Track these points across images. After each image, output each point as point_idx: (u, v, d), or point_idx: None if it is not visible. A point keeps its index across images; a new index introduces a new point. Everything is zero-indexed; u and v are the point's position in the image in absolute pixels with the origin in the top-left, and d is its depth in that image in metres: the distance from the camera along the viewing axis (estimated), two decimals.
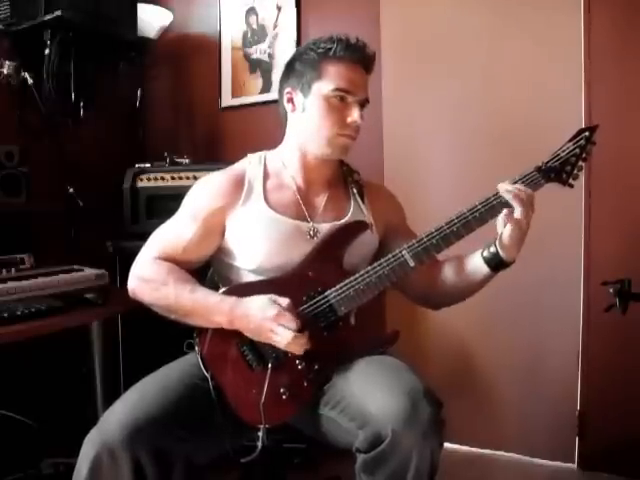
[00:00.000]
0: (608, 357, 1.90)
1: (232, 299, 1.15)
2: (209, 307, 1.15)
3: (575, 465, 1.97)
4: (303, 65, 1.23)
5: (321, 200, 1.29)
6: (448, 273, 1.24)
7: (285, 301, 1.11)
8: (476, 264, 1.19)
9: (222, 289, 1.21)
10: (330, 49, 1.20)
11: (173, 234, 1.26)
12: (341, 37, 1.21)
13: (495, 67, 2.05)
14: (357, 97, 1.21)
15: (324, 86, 1.20)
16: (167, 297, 1.18)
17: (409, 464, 0.99)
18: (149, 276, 1.22)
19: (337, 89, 1.20)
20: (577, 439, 1.97)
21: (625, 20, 1.84)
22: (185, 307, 1.17)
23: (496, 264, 1.16)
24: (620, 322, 1.47)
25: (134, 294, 1.24)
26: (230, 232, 1.24)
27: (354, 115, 1.21)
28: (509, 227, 1.10)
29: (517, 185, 1.11)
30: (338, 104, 1.21)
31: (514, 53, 2.01)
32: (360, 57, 1.22)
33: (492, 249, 1.16)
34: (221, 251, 1.26)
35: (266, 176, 1.28)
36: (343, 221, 1.26)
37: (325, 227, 1.24)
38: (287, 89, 1.26)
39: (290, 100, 1.26)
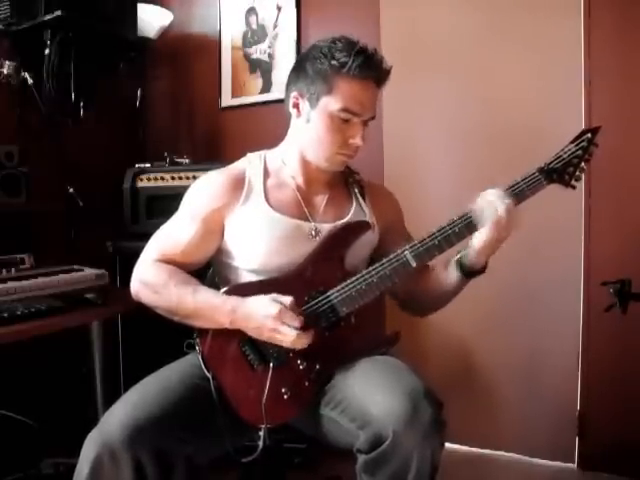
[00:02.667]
0: (608, 357, 1.90)
1: (235, 299, 1.14)
2: (211, 308, 1.15)
3: (575, 465, 1.98)
4: (314, 73, 1.19)
5: (322, 200, 1.28)
6: (432, 276, 1.26)
7: (288, 299, 1.10)
8: (451, 266, 1.20)
9: (222, 289, 1.21)
10: (345, 64, 1.15)
11: (172, 236, 1.25)
12: (359, 50, 1.16)
13: (495, 68, 2.05)
14: (363, 117, 1.19)
15: (332, 103, 1.17)
16: (169, 299, 1.18)
17: (410, 465, 0.99)
18: (150, 279, 1.21)
19: (345, 109, 1.17)
20: (577, 439, 1.98)
21: (625, 21, 1.84)
22: (187, 309, 1.17)
23: (464, 268, 1.18)
24: (620, 322, 1.48)
25: (137, 297, 1.24)
26: (230, 232, 1.23)
27: (356, 137, 1.19)
28: (486, 229, 1.11)
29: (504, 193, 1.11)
30: (342, 124, 1.18)
31: (514, 54, 2.01)
32: (375, 76, 1.18)
33: (463, 252, 1.17)
34: (221, 251, 1.26)
35: (266, 175, 1.28)
36: (344, 220, 1.26)
37: (327, 227, 1.24)
38: (294, 93, 1.23)
39: (296, 105, 1.23)
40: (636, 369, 1.85)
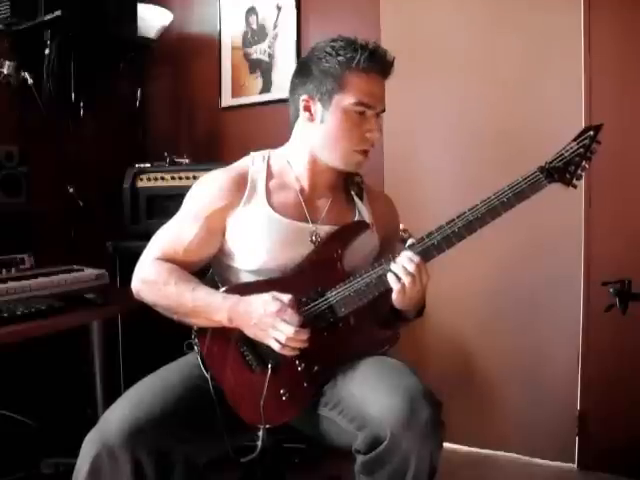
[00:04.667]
0: (608, 357, 1.90)
1: (234, 297, 1.14)
2: (210, 305, 1.15)
3: (575, 465, 1.97)
4: (323, 73, 1.18)
5: (324, 204, 1.27)
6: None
7: (287, 297, 1.10)
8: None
9: (222, 289, 1.21)
10: (353, 59, 1.15)
11: (174, 235, 1.25)
12: (362, 44, 1.17)
13: (495, 68, 2.05)
14: (376, 110, 1.19)
15: (346, 98, 1.17)
16: (169, 297, 1.18)
17: (408, 465, 0.99)
18: (151, 277, 1.21)
19: (359, 103, 1.16)
20: (577, 439, 1.97)
21: (625, 19, 1.84)
22: (186, 306, 1.17)
23: (400, 315, 1.20)
24: (620, 322, 1.47)
25: (138, 295, 1.24)
26: (231, 232, 1.23)
27: (373, 130, 1.19)
28: (394, 292, 1.12)
29: (406, 255, 1.11)
30: (357, 118, 1.18)
31: (514, 54, 2.01)
32: (382, 67, 1.19)
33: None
34: (221, 252, 1.26)
35: (269, 176, 1.26)
36: None
37: (327, 230, 1.23)
38: (304, 96, 1.21)
39: (307, 109, 1.22)
40: (636, 369, 1.85)
